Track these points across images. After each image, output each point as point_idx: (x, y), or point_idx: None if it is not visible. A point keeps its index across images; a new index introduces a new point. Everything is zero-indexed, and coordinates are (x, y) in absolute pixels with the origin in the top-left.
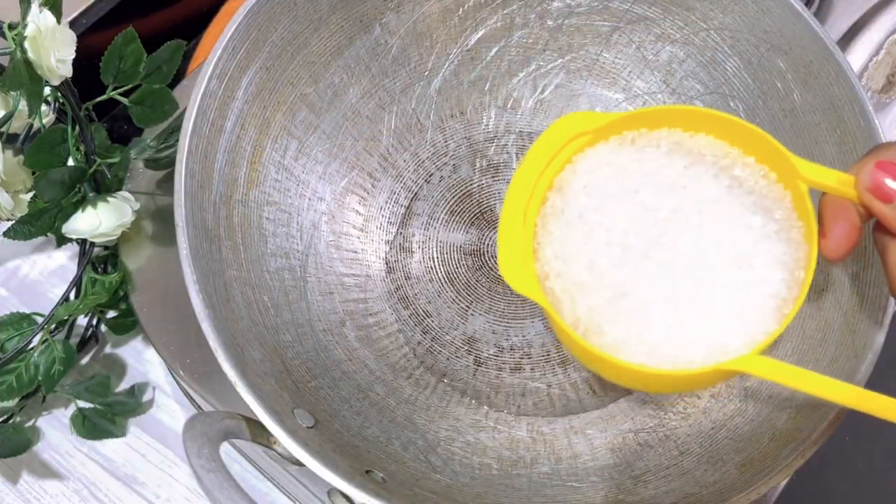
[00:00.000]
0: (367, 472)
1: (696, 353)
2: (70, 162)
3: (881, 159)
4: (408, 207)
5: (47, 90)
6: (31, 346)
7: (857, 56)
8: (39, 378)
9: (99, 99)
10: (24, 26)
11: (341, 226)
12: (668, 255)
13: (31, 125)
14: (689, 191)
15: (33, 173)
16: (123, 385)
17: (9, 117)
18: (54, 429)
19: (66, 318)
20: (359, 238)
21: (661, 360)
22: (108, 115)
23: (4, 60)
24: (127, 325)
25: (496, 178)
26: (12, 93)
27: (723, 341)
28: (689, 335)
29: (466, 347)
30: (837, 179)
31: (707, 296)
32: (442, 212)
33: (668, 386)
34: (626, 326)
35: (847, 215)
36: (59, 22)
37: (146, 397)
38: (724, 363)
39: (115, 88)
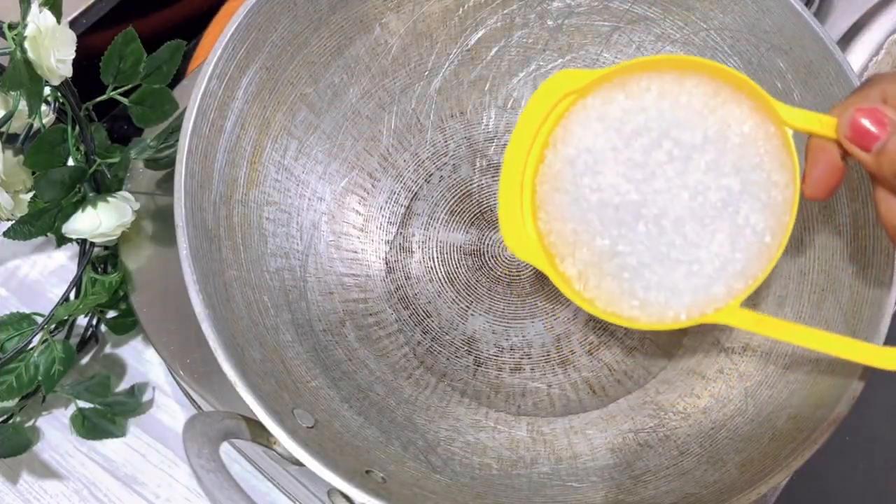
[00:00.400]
0: (367, 472)
1: (682, 304)
2: (70, 162)
3: (860, 106)
4: (408, 207)
5: (47, 90)
6: (31, 346)
7: (857, 56)
8: (39, 378)
9: (99, 99)
10: (24, 26)
11: (341, 226)
12: (657, 210)
13: (31, 125)
14: (678, 140)
15: (33, 173)
16: (123, 385)
17: (9, 117)
18: (54, 429)
19: (66, 318)
20: (359, 238)
21: (651, 312)
22: (108, 115)
23: (4, 60)
24: (127, 325)
25: (496, 178)
26: (12, 93)
27: (708, 291)
28: (676, 287)
29: (466, 347)
30: (820, 123)
31: (694, 247)
32: (442, 212)
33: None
34: (619, 282)
35: (827, 157)
36: (59, 22)
37: (146, 397)
38: (706, 316)
39: (115, 88)
